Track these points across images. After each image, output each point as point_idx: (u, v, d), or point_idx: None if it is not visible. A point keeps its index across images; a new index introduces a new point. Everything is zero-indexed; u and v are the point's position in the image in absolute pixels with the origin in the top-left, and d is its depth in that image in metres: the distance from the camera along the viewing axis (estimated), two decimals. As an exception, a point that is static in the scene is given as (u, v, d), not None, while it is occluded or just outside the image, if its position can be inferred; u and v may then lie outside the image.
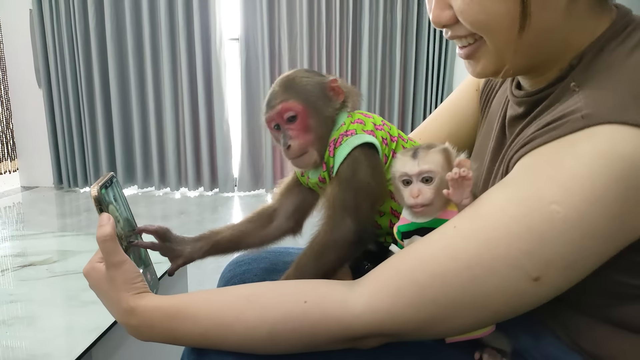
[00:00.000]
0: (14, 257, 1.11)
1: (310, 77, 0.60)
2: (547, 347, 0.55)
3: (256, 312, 0.48)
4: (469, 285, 0.43)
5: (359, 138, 0.56)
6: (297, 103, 0.57)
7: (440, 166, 0.50)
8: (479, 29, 0.48)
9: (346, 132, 0.57)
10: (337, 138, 0.58)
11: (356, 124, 0.58)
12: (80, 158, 3.55)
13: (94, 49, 3.35)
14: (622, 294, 0.48)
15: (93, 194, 0.52)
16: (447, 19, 0.50)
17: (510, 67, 0.49)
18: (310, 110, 0.58)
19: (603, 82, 0.45)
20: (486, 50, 0.50)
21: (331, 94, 0.59)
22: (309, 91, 0.58)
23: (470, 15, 0.47)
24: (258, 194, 3.51)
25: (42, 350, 0.71)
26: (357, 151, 0.56)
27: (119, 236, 0.53)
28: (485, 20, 0.47)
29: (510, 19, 0.46)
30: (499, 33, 0.47)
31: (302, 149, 0.58)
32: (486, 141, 0.65)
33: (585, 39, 0.49)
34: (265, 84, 3.31)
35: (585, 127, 0.42)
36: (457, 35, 0.51)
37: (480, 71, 0.53)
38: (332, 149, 0.58)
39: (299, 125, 0.57)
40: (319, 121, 0.58)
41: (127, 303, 0.50)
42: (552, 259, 0.41)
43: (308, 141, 0.57)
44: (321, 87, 0.59)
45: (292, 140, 0.57)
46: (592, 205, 0.40)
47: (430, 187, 0.50)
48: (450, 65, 3.25)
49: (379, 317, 0.46)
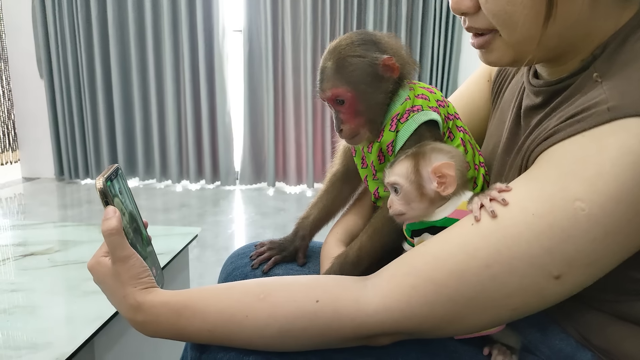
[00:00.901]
0: (15, 247, 1.11)
1: (363, 55, 0.57)
2: (555, 342, 0.54)
3: (266, 310, 0.47)
4: (487, 283, 0.42)
5: (426, 115, 0.57)
6: (346, 90, 0.57)
7: (404, 177, 0.50)
8: (502, 20, 0.46)
9: (412, 107, 0.57)
10: (402, 113, 0.57)
11: (421, 99, 0.58)
12: (81, 149, 3.54)
13: (96, 40, 3.34)
14: (634, 290, 0.47)
15: (98, 186, 0.50)
16: (467, 7, 0.48)
17: (532, 57, 0.48)
18: (360, 95, 0.58)
19: (628, 73, 0.43)
20: (501, 42, 0.49)
21: (385, 72, 0.58)
22: (359, 76, 0.57)
23: (495, 6, 0.46)
24: (260, 187, 3.51)
25: (43, 340, 0.70)
26: (423, 128, 0.57)
27: (124, 230, 0.52)
28: (512, 11, 0.45)
29: (536, 10, 0.44)
30: (521, 25, 0.46)
31: (354, 132, 0.59)
32: (498, 132, 0.64)
33: (609, 28, 0.47)
34: (268, 76, 3.29)
35: (611, 120, 0.40)
36: (474, 27, 0.50)
37: (494, 61, 0.52)
38: (394, 124, 0.57)
39: (349, 109, 0.58)
40: (370, 105, 0.58)
41: (134, 299, 0.49)
42: (575, 257, 0.40)
43: (359, 124, 0.59)
44: (373, 68, 0.57)
45: (343, 124, 0.59)
46: (617, 203, 0.39)
47: (398, 198, 0.51)
48: (455, 59, 3.22)
49: (393, 315, 0.45)
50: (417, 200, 0.50)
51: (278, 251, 0.71)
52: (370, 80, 0.57)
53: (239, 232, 2.62)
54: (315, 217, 0.72)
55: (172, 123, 3.43)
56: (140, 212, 0.60)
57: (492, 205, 0.44)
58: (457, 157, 0.52)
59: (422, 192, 0.50)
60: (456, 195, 0.50)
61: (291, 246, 0.72)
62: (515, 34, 0.47)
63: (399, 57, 0.59)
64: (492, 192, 0.45)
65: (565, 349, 0.53)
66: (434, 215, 0.51)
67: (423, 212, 0.51)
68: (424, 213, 0.51)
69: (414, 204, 0.50)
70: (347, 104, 0.58)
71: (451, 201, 0.50)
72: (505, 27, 0.47)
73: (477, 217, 0.44)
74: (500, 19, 0.46)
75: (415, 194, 0.50)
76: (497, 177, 0.58)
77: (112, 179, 0.53)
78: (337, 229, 0.70)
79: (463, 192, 0.51)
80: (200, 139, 3.47)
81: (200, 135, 3.46)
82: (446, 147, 0.53)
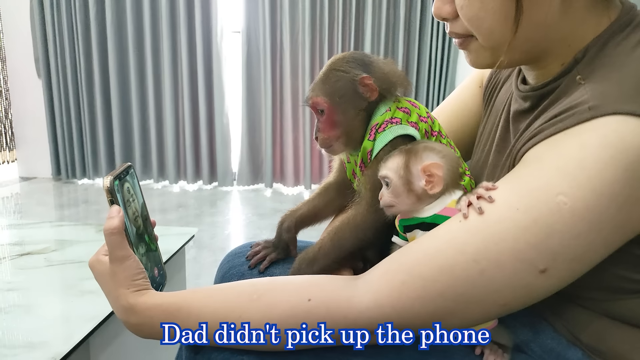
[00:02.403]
0: (11, 246, 1.11)
1: (347, 70, 0.60)
2: (546, 340, 0.55)
3: (260, 310, 0.48)
4: (476, 279, 0.43)
5: (403, 129, 0.58)
6: (324, 100, 0.60)
7: (394, 172, 0.52)
8: (476, 26, 0.49)
9: (391, 119, 0.58)
10: (380, 123, 0.59)
11: (402, 112, 0.59)
12: (79, 149, 3.54)
13: (94, 40, 3.33)
14: (622, 288, 0.48)
15: (105, 184, 0.50)
16: (447, 13, 0.51)
17: (504, 60, 0.50)
18: (337, 107, 0.60)
19: (608, 75, 0.45)
20: (478, 45, 0.51)
21: (363, 90, 0.59)
22: (338, 89, 0.60)
23: (469, 12, 0.48)
24: (257, 189, 3.51)
25: (39, 338, 0.71)
26: (399, 141, 0.57)
27: (127, 229, 0.52)
28: (484, 16, 0.47)
29: (504, 16, 0.46)
30: (493, 30, 0.48)
31: (327, 142, 0.62)
32: (489, 136, 0.65)
33: (589, 33, 0.48)
34: (266, 77, 3.30)
35: (592, 118, 0.42)
36: (454, 32, 0.52)
37: (474, 62, 0.54)
38: (373, 134, 0.59)
39: (327, 119, 0.61)
40: (346, 117, 0.60)
41: (127, 300, 0.50)
42: (559, 251, 0.41)
43: (333, 136, 0.61)
44: (353, 84, 0.59)
45: (319, 133, 0.62)
46: (599, 197, 0.40)
47: (388, 191, 0.53)
48: (452, 62, 3.24)
49: (384, 312, 0.45)
50: (404, 195, 0.52)
51: (272, 249, 0.72)
52: (349, 96, 0.59)
53: (236, 233, 2.62)
54: (303, 212, 0.72)
55: (169, 123, 3.43)
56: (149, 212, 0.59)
57: (479, 203, 0.45)
58: (448, 157, 0.53)
59: (410, 187, 0.52)
60: (446, 194, 0.52)
61: (281, 241, 0.72)
62: (488, 38, 0.49)
63: (383, 80, 0.60)
64: (479, 190, 0.46)
65: (556, 347, 0.53)
66: (423, 212, 0.52)
67: (411, 207, 0.52)
68: (412, 208, 0.52)
69: (401, 198, 0.52)
70: (325, 114, 0.61)
71: (441, 199, 0.52)
72: (479, 31, 0.49)
73: (465, 214, 0.45)
74: (474, 24, 0.49)
75: (403, 189, 0.52)
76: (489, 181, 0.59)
77: (121, 177, 0.53)
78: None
79: (453, 190, 0.52)
80: (198, 140, 3.47)
81: (198, 136, 3.46)
82: (438, 147, 0.54)
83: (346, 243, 0.59)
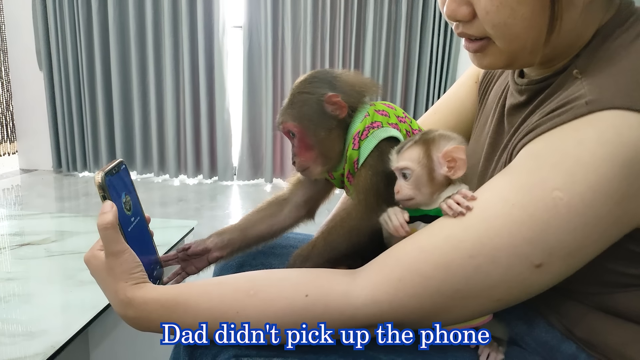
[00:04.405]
0: (11, 236, 1.11)
1: (311, 92, 0.59)
2: (540, 334, 0.55)
3: (257, 306, 0.48)
4: (472, 274, 0.43)
5: (385, 131, 0.57)
6: (294, 124, 0.59)
7: (416, 162, 0.51)
8: (501, 32, 0.47)
9: (372, 123, 0.58)
10: (362, 130, 0.58)
11: (381, 115, 0.58)
12: (80, 142, 3.54)
13: (96, 33, 3.33)
14: (616, 282, 0.48)
15: (97, 180, 0.50)
16: (463, 15, 0.48)
17: (521, 63, 0.49)
18: (307, 130, 0.59)
19: (606, 69, 0.44)
20: (496, 49, 0.49)
21: (331, 108, 0.58)
22: (305, 112, 0.59)
23: (497, 18, 0.46)
24: (257, 183, 3.51)
25: (38, 327, 0.71)
26: (384, 144, 0.56)
27: (120, 224, 0.51)
28: (512, 23, 0.46)
29: (537, 23, 0.45)
30: (518, 36, 0.46)
31: (304, 165, 0.61)
32: (483, 131, 0.65)
33: (590, 30, 0.48)
34: (268, 73, 3.29)
35: (589, 112, 0.41)
36: (467, 33, 0.50)
37: (488, 65, 0.52)
38: (356, 142, 0.58)
39: (299, 143, 0.60)
40: (319, 138, 0.59)
41: (125, 294, 0.49)
42: (555, 246, 0.41)
43: (309, 158, 0.60)
44: (319, 104, 0.58)
45: (296, 157, 0.61)
46: (596, 192, 0.40)
47: (408, 183, 0.51)
48: (454, 58, 3.23)
49: (381, 308, 0.45)
50: (426, 185, 0.51)
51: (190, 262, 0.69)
52: (317, 117, 0.58)
53: (236, 227, 2.62)
54: (233, 229, 0.71)
55: (170, 117, 3.43)
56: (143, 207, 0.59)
57: (467, 202, 0.45)
58: (463, 142, 0.53)
59: (432, 176, 0.50)
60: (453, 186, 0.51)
61: (202, 249, 0.69)
62: (512, 44, 0.48)
63: (351, 93, 0.59)
64: (457, 196, 0.46)
65: (550, 341, 0.54)
66: (432, 204, 0.51)
67: (429, 199, 0.51)
68: (430, 200, 0.51)
69: (423, 189, 0.51)
70: (297, 138, 0.60)
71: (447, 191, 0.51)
72: (503, 37, 0.47)
73: (453, 213, 0.45)
74: (500, 29, 0.47)
75: (426, 179, 0.50)
76: (483, 177, 0.59)
77: (113, 173, 0.53)
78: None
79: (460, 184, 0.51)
80: (199, 134, 3.47)
81: (198, 130, 3.46)
82: (452, 134, 0.54)
83: (339, 246, 0.58)
